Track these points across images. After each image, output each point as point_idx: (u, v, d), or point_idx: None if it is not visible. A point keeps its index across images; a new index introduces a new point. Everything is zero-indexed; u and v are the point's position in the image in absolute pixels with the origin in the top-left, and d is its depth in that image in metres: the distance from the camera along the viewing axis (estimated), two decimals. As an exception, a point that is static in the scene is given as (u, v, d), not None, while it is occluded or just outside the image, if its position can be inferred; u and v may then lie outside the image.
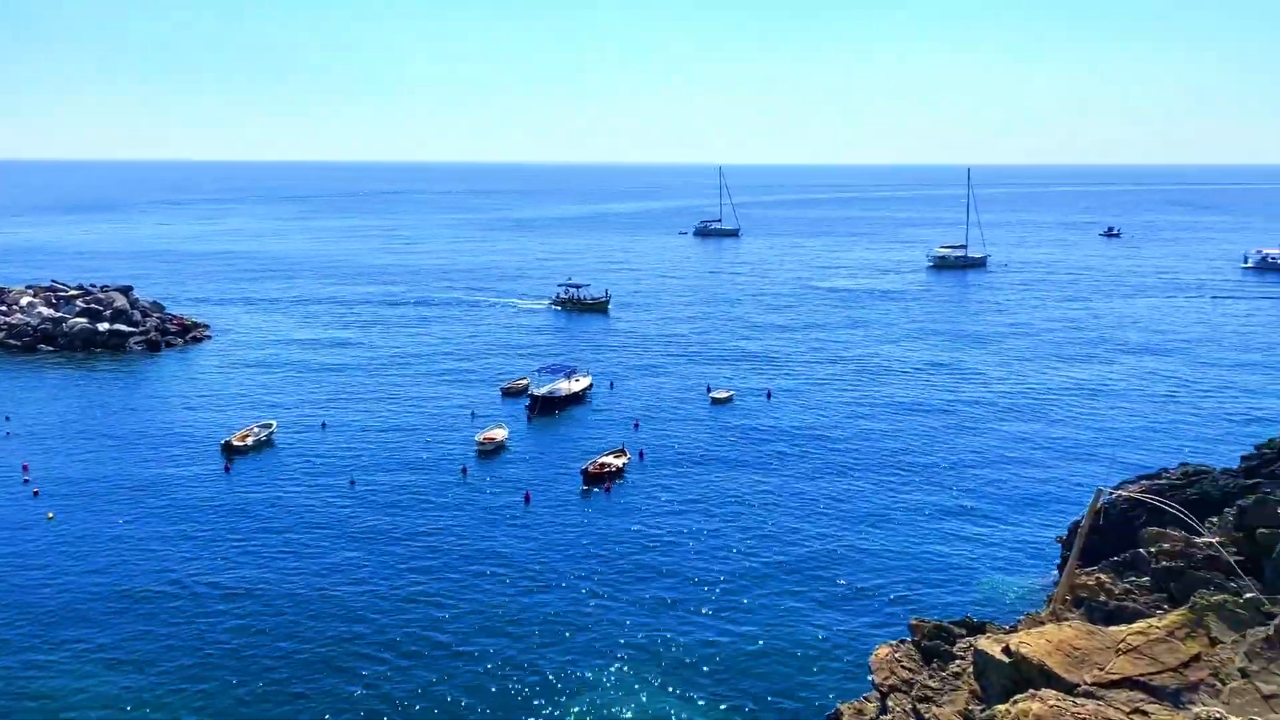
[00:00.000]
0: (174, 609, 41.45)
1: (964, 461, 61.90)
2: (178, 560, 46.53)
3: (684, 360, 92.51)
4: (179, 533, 49.96)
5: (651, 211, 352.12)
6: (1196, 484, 44.03)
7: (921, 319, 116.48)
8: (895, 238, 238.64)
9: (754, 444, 65.47)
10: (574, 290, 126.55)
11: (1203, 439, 66.07)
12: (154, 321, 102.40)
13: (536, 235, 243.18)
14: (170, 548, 48.03)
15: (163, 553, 47.42)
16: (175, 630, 39.55)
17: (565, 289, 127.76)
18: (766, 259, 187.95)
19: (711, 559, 46.85)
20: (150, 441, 66.02)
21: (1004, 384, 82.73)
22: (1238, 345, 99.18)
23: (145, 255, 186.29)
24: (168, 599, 42.40)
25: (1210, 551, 28.74)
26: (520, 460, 62.44)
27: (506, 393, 78.99)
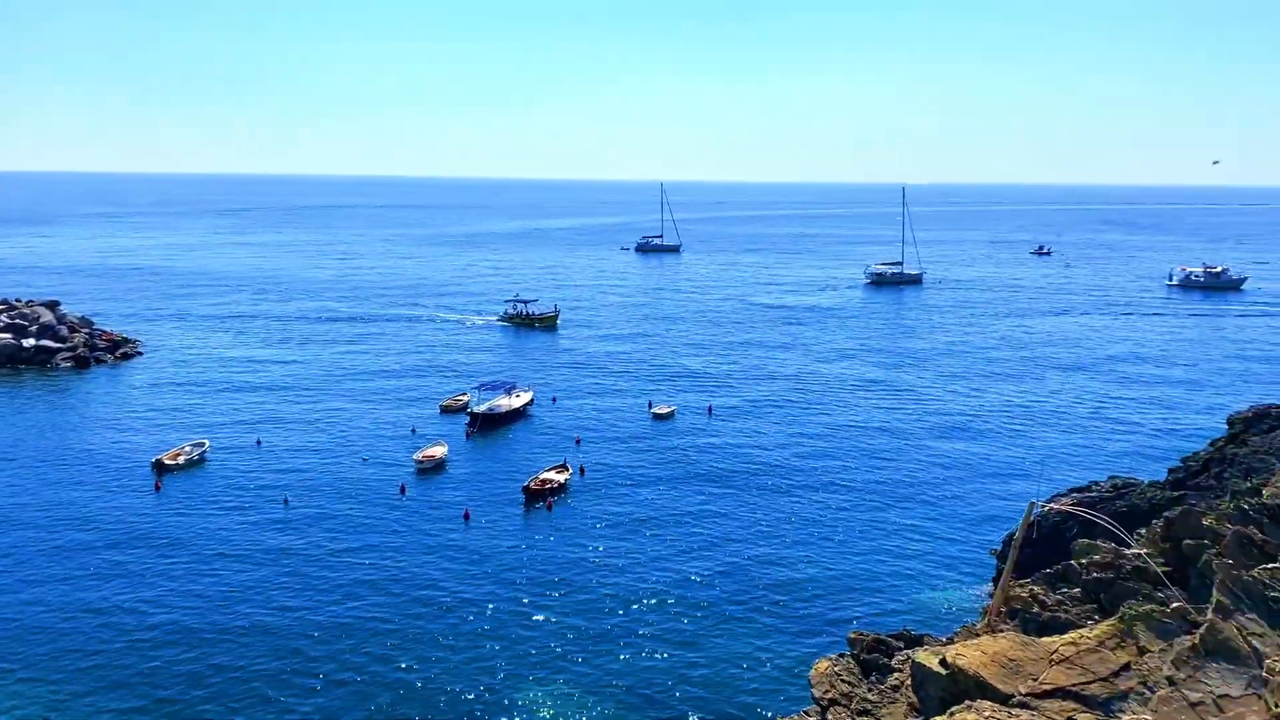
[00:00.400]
0: (97, 635, 40.29)
1: (900, 476, 62.72)
2: (101, 584, 45.28)
3: (626, 375, 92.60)
4: (104, 555, 48.63)
5: (592, 227, 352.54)
6: (1125, 496, 45.14)
7: (860, 335, 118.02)
8: (834, 254, 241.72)
9: (695, 460, 65.70)
10: (522, 305, 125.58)
11: (1130, 453, 67.77)
12: (82, 337, 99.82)
13: (477, 251, 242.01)
14: (95, 571, 46.72)
15: (87, 577, 46.11)
16: (98, 658, 38.44)
17: (513, 304, 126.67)
18: (708, 275, 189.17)
19: (652, 576, 46.83)
20: (78, 460, 64.28)
21: (939, 399, 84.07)
22: (1163, 361, 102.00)
23: (73, 269, 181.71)
24: (90, 625, 41.21)
25: (1138, 562, 29.43)
26: (460, 478, 61.91)
27: (446, 409, 78.31)
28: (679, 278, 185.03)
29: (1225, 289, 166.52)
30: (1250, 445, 44.30)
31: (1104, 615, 27.85)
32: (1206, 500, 38.09)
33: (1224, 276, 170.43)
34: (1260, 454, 42.38)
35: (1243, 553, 26.02)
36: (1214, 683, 23.26)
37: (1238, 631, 23.61)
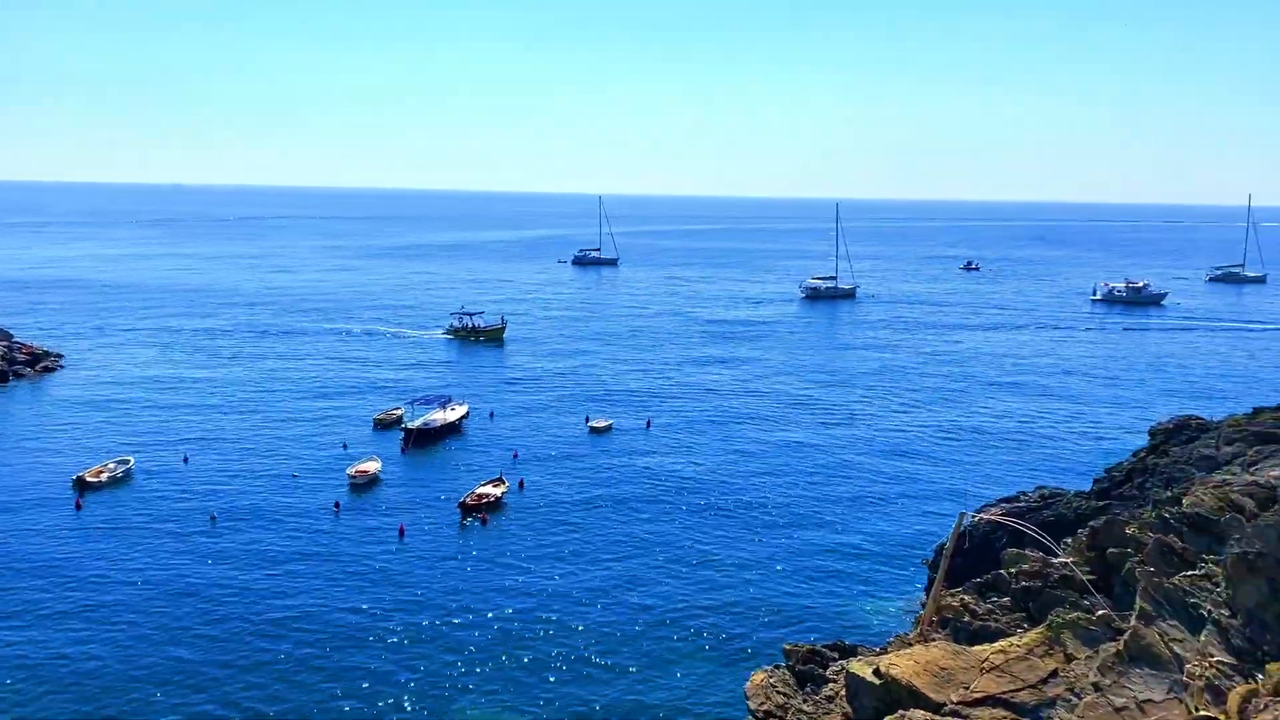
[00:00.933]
0: (4, 663, 38.95)
1: (834, 489, 63.41)
2: (12, 608, 43.78)
3: (563, 389, 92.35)
4: (19, 576, 47.04)
5: (528, 240, 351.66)
6: (1052, 506, 46.12)
7: (794, 350, 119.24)
8: (769, 269, 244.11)
9: (632, 474, 65.71)
10: (468, 318, 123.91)
11: (1057, 463, 69.35)
12: (0, 350, 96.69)
13: (411, 263, 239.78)
14: (7, 592, 45.16)
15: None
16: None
17: (459, 317, 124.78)
18: (645, 288, 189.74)
19: (587, 590, 46.66)
20: (-6, 478, 62.15)
21: (872, 413, 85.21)
22: (1087, 374, 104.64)
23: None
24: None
25: (1065, 571, 30.09)
26: (394, 493, 61.13)
27: (379, 424, 77.31)
28: (617, 291, 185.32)
29: (1147, 304, 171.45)
30: (1171, 456, 45.57)
31: (1033, 623, 28.41)
32: (1129, 510, 39.08)
33: (1145, 291, 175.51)
34: (1180, 464, 43.61)
35: (1164, 561, 26.75)
36: (1137, 688, 23.84)
37: (1159, 638, 24.25)
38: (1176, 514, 29.29)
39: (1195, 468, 42.02)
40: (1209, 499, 29.35)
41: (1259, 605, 23.54)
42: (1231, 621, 23.84)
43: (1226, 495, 29.51)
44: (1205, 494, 29.98)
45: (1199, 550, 27.48)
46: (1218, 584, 24.96)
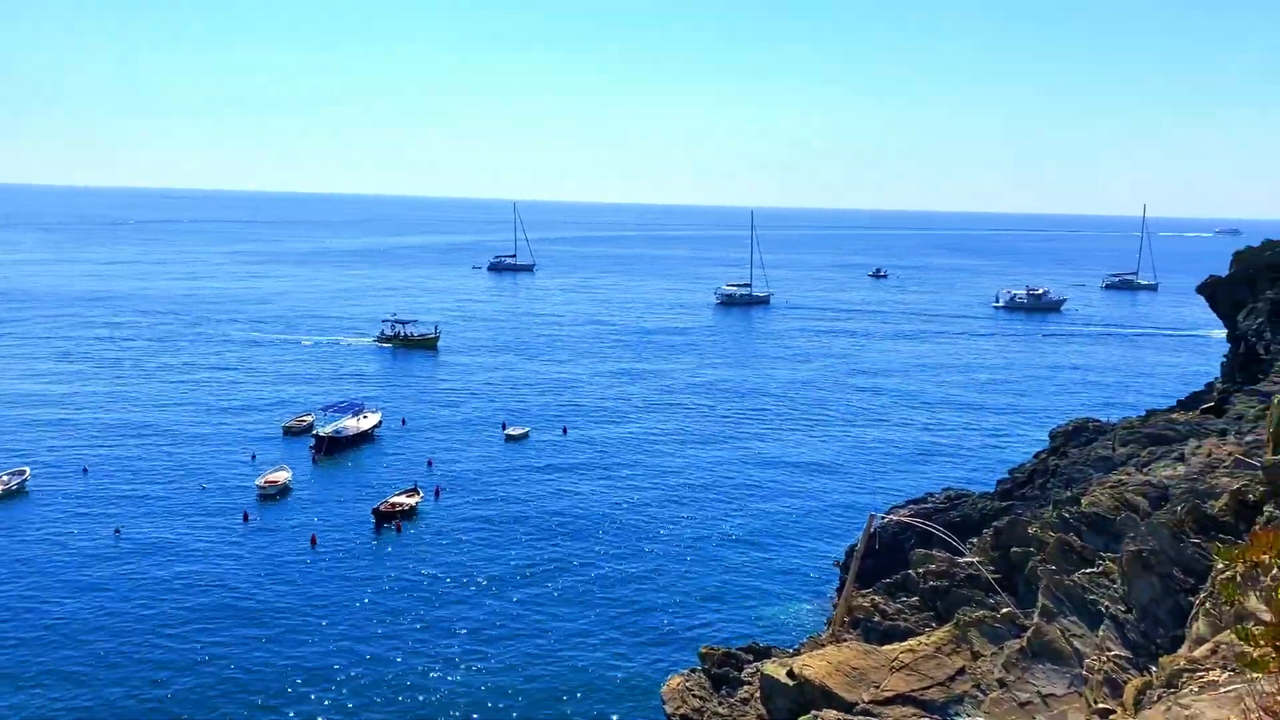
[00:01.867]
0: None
1: (747, 493, 64.16)
2: (-91, 625, 41.81)
3: (479, 396, 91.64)
4: (-89, 594, 44.92)
5: (442, 246, 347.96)
6: (958, 507, 47.40)
7: (709, 356, 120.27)
8: (685, 276, 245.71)
9: (548, 480, 65.54)
10: (400, 326, 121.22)
11: (962, 465, 71.27)
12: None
13: (323, 268, 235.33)
14: (-100, 611, 43.10)
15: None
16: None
17: (391, 324, 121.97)
18: (561, 295, 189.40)
19: (503, 598, 46.43)
20: (-124, 493, 59.16)
21: (784, 417, 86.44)
22: (991, 378, 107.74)
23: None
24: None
25: (971, 570, 30.98)
26: (306, 502, 59.95)
27: (289, 432, 75.72)
28: (533, 297, 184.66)
29: (1046, 310, 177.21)
30: (1070, 457, 47.22)
31: (941, 622, 29.18)
32: (1031, 510, 40.38)
33: (1045, 298, 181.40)
34: (1079, 465, 45.22)
35: (1064, 559, 27.72)
36: (1040, 682, 24.68)
37: (1060, 634, 25.12)
38: (1075, 514, 30.37)
39: (1093, 468, 43.60)
40: (1106, 499, 30.50)
41: (1152, 601, 24.56)
42: (1127, 617, 24.81)
43: (1122, 495, 30.71)
44: (1102, 494, 31.15)
45: (1097, 548, 28.55)
46: (1114, 581, 25.96)
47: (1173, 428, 43.47)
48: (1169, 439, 41.93)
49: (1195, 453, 35.76)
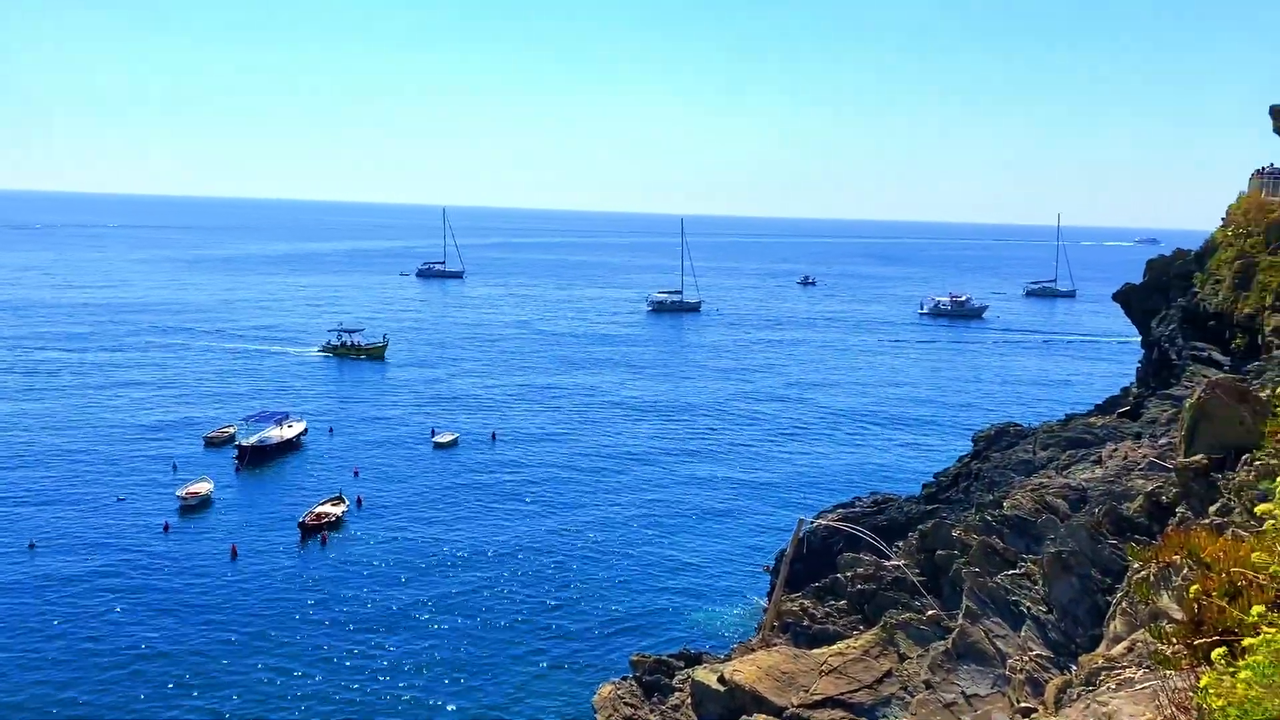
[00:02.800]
0: None
1: (678, 500, 64.35)
2: None
3: (406, 404, 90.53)
4: None
5: (369, 251, 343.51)
6: (885, 511, 48.08)
7: (640, 363, 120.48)
8: (616, 282, 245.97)
9: (477, 488, 64.99)
10: (347, 335, 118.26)
11: (889, 469, 72.38)
12: None
13: (247, 275, 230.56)
14: None
15: None
16: None
17: (337, 334, 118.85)
18: (491, 301, 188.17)
19: (431, 608, 45.88)
20: None
21: (713, 425, 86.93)
22: (916, 384, 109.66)
23: None
24: None
25: (897, 573, 31.44)
26: (229, 514, 58.59)
27: (211, 442, 73.95)
28: (463, 303, 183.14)
29: (969, 317, 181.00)
30: (992, 460, 48.22)
31: (868, 625, 29.55)
32: (956, 513, 41.12)
33: (968, 305, 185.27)
34: (1001, 469, 46.20)
35: (987, 561, 28.27)
36: (965, 683, 25.11)
37: (984, 635, 25.61)
38: (998, 516, 31.01)
39: (1014, 472, 44.59)
40: (1027, 501, 31.20)
41: (1072, 601, 25.17)
42: (1048, 617, 25.39)
43: (1042, 498, 31.44)
44: (1023, 497, 31.86)
45: (1019, 550, 29.18)
46: (1035, 582, 26.55)
47: (1090, 431, 44.65)
48: (1087, 442, 43.05)
49: (1112, 456, 36.77)
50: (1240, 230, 42.45)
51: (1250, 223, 41.69)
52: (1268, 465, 15.44)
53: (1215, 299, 40.90)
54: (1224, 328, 40.18)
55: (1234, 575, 8.06)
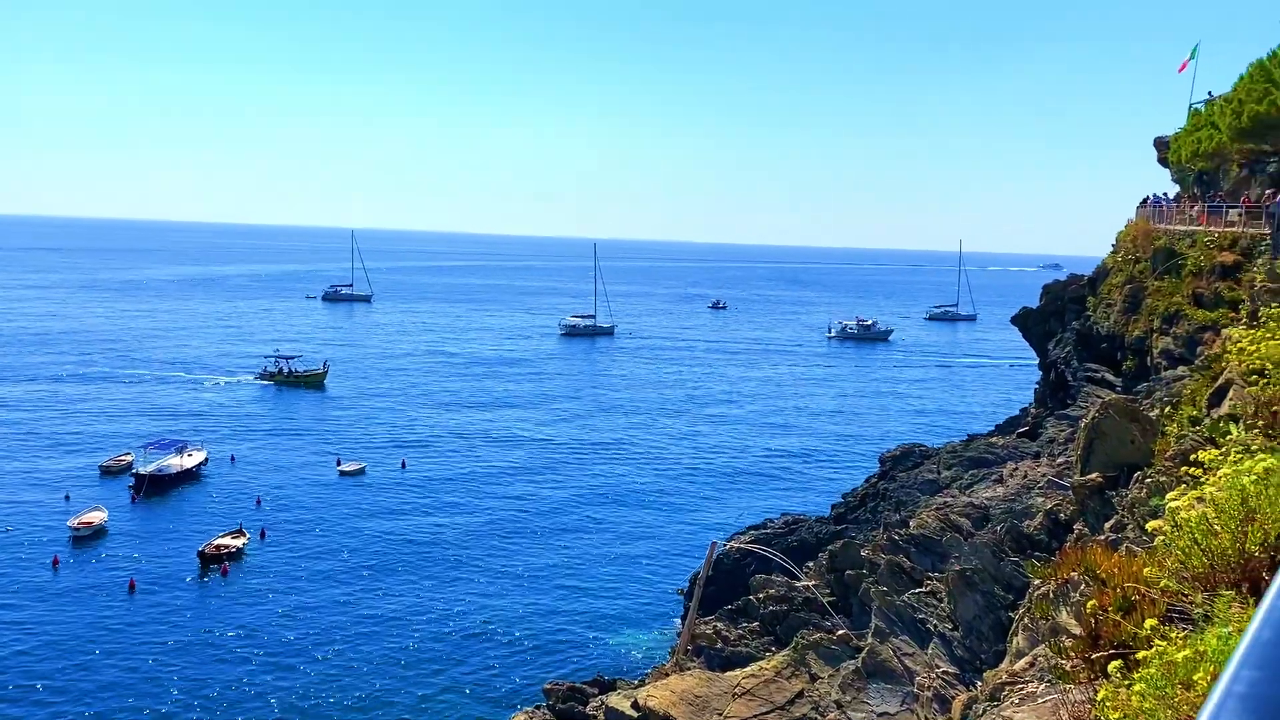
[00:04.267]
0: None
1: (591, 525, 64.13)
2: None
3: (312, 431, 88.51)
4: None
5: (274, 274, 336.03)
6: (796, 532, 48.71)
7: (552, 387, 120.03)
8: (529, 306, 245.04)
9: (384, 518, 63.79)
10: (284, 362, 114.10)
11: (800, 491, 73.29)
12: None
13: (145, 299, 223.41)
14: None
15: None
16: None
17: (274, 360, 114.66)
18: (401, 325, 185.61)
19: (337, 640, 44.78)
20: None
21: (628, 446, 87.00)
22: (825, 405, 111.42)
23: None
24: None
25: (808, 594, 31.78)
26: (124, 545, 56.36)
27: (107, 471, 71.17)
28: (371, 327, 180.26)
29: (875, 340, 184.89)
30: (898, 480, 49.25)
31: (780, 646, 29.77)
32: (864, 533, 41.81)
33: (874, 329, 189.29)
34: (907, 488, 47.22)
35: (895, 580, 28.76)
36: (875, 702, 25.44)
37: (893, 653, 26.00)
38: (904, 535, 31.62)
39: (920, 491, 45.60)
40: (932, 520, 31.89)
41: (976, 618, 25.74)
42: (954, 634, 25.91)
43: (947, 516, 32.18)
44: (929, 516, 32.55)
45: (925, 569, 29.77)
46: (941, 600, 27.10)
47: (992, 451, 45.87)
48: (989, 462, 44.22)
49: (1013, 475, 37.81)
50: (1129, 256, 44.27)
51: (1137, 249, 43.51)
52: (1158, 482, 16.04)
53: (1107, 322, 42.51)
54: (1115, 350, 41.78)
55: (1128, 590, 8.32)
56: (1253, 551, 7.07)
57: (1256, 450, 10.09)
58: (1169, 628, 7.26)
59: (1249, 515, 7.24)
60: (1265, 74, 35.33)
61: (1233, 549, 7.22)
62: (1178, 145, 46.81)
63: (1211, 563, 7.35)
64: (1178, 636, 6.92)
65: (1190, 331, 33.58)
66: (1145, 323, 38.04)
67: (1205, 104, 45.78)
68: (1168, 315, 35.95)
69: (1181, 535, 7.82)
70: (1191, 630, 7.01)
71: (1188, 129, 46.11)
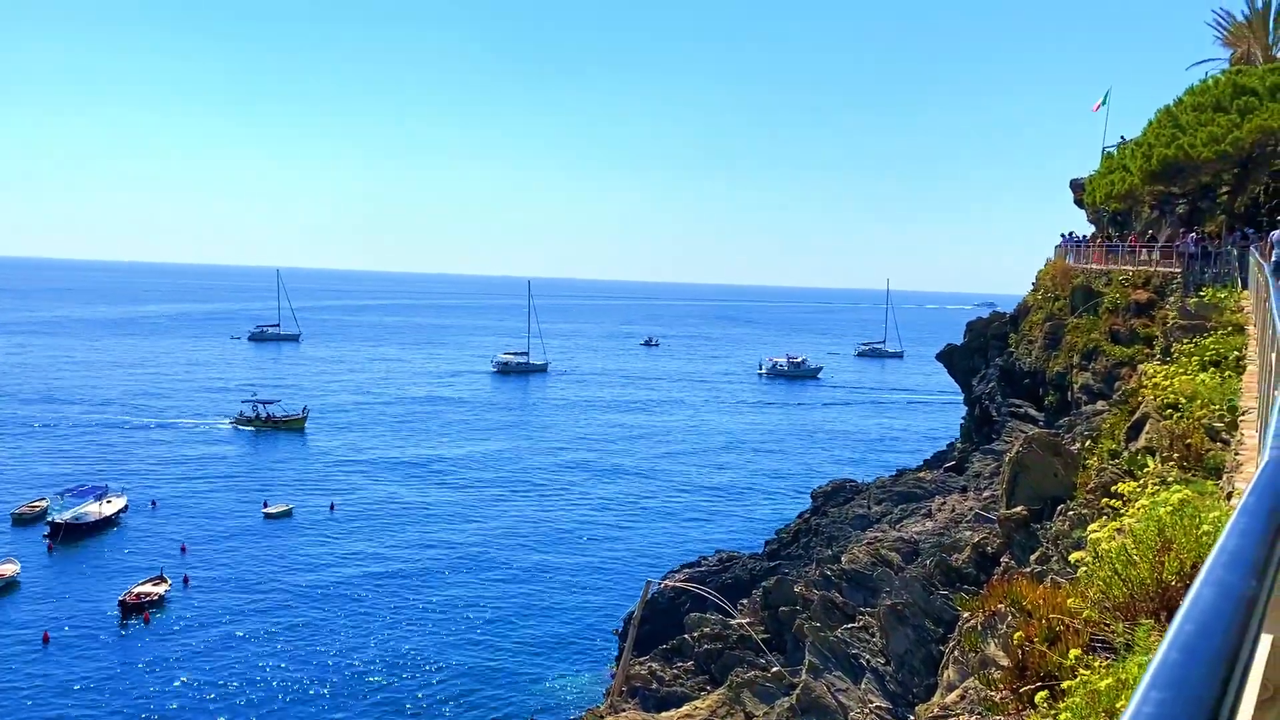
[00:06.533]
0: None
1: (524, 566, 63.50)
2: None
3: (237, 474, 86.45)
4: None
5: (196, 314, 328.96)
6: (730, 569, 48.78)
7: (485, 425, 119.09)
8: (461, 344, 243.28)
9: (311, 561, 62.44)
10: (261, 407, 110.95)
11: (734, 527, 73.50)
12: None
13: (57, 339, 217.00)
14: None
15: None
16: None
17: (252, 405, 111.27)
18: (330, 364, 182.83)
19: (263, 688, 43.55)
20: None
21: (560, 486, 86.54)
22: (757, 442, 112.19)
23: None
24: None
25: (742, 631, 31.80)
26: (38, 597, 54.26)
27: (20, 520, 68.54)
28: (299, 367, 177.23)
29: (805, 377, 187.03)
30: (830, 516, 49.69)
31: (715, 685, 29.70)
32: (797, 568, 42.03)
33: (804, 366, 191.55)
34: (838, 523, 47.65)
35: (827, 615, 28.94)
36: (809, 738, 25.45)
37: (827, 689, 26.10)
38: (836, 571, 31.88)
39: (851, 526, 46.05)
40: (863, 555, 32.22)
41: (908, 651, 26.00)
42: (886, 669, 26.12)
43: (878, 551, 32.54)
44: (860, 551, 32.89)
45: (857, 604, 30.02)
46: (873, 634, 27.33)
47: (921, 486, 46.56)
48: (918, 496, 44.87)
49: (941, 509, 38.41)
50: (1049, 294, 45.61)
51: (1056, 287, 44.86)
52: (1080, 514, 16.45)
53: (1029, 358, 43.64)
54: (1038, 385, 42.88)
55: (1053, 621, 8.51)
56: (1170, 581, 7.30)
57: (1172, 482, 10.44)
58: (1092, 657, 7.45)
59: (1165, 545, 7.49)
60: (1173, 119, 36.90)
61: (1151, 578, 7.45)
62: (1092, 187, 48.52)
63: (1131, 592, 7.57)
64: (1100, 665, 7.10)
65: (1108, 367, 34.63)
66: (1065, 359, 39.14)
67: (1117, 147, 47.59)
68: (1086, 351, 37.04)
69: (1102, 566, 8.04)
70: (1114, 659, 7.20)
71: (1101, 171, 47.85)
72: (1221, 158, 34.22)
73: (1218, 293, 25.93)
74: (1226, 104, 34.63)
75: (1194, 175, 37.63)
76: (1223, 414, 13.00)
